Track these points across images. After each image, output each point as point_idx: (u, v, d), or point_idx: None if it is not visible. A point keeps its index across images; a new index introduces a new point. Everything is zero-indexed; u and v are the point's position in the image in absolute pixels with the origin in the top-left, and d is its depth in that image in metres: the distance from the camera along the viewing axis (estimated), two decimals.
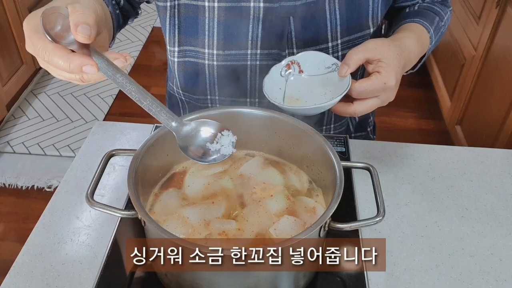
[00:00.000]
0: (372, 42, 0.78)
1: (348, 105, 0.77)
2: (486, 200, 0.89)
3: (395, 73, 0.76)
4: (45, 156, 2.32)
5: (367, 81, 0.75)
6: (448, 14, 0.96)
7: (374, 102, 0.77)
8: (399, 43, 0.81)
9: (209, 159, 0.67)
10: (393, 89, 0.76)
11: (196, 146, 0.68)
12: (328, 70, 0.83)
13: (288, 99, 0.83)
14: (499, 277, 0.76)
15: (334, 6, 0.87)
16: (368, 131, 1.16)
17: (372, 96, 0.76)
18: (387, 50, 0.77)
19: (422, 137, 2.48)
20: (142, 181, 0.70)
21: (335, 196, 0.64)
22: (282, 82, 0.84)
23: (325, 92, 0.83)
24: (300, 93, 0.84)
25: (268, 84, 0.82)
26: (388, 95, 0.77)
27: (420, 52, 0.88)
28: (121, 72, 0.61)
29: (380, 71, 0.75)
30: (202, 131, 0.68)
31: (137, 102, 0.62)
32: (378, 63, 0.76)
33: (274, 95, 0.81)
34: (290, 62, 0.85)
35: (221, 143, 0.68)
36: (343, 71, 0.76)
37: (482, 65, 2.01)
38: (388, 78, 0.75)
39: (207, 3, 0.87)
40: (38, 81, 2.77)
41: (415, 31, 0.88)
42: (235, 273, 0.62)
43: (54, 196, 0.88)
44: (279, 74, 0.84)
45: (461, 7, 2.24)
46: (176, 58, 0.96)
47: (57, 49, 0.58)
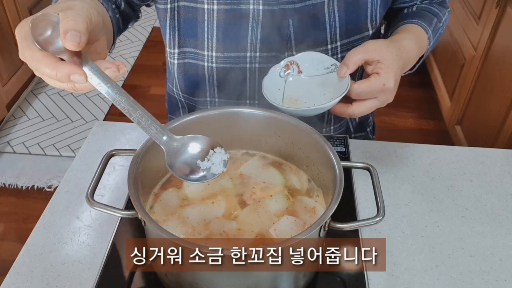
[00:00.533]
0: (371, 43, 0.78)
1: (347, 106, 0.77)
2: (486, 200, 0.89)
3: (394, 74, 0.76)
4: (45, 156, 2.32)
5: (366, 82, 0.75)
6: (446, 15, 0.97)
7: (373, 103, 0.77)
8: (398, 44, 0.81)
9: (197, 176, 0.65)
10: (392, 90, 0.77)
11: (185, 163, 0.65)
12: (327, 70, 0.83)
13: (287, 100, 0.83)
14: (499, 277, 0.76)
15: (333, 9, 0.87)
16: (367, 131, 1.16)
17: (371, 97, 0.77)
18: (386, 51, 0.77)
19: (422, 137, 2.48)
20: (142, 181, 0.70)
21: (335, 196, 0.64)
22: (281, 82, 0.84)
23: (324, 93, 0.83)
24: (299, 93, 0.84)
25: (267, 85, 0.82)
26: (387, 96, 0.77)
27: (418, 53, 0.88)
28: (111, 83, 0.58)
29: (379, 73, 0.75)
30: (193, 147, 0.65)
31: (126, 114, 0.60)
32: (377, 64, 0.76)
33: (273, 95, 0.81)
34: (289, 62, 0.85)
35: (212, 161, 0.65)
36: (342, 72, 0.76)
37: (482, 65, 2.01)
38: (387, 79, 0.75)
39: (206, 6, 0.87)
40: (38, 81, 2.77)
41: (414, 32, 0.88)
42: (235, 273, 0.62)
43: (54, 196, 0.88)
44: (278, 75, 0.84)
45: (461, 7, 2.24)
46: (175, 60, 0.96)
47: (45, 57, 0.56)
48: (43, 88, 2.74)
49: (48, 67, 0.56)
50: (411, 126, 2.56)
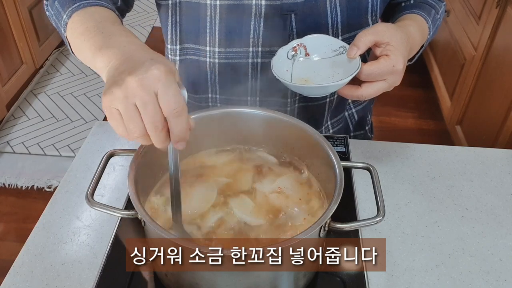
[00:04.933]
0: (381, 26, 0.78)
1: (356, 88, 0.77)
2: (486, 200, 0.89)
3: (402, 57, 0.76)
4: (45, 156, 2.32)
5: (376, 63, 0.75)
6: (442, 8, 0.98)
7: (382, 85, 0.77)
8: (404, 29, 0.82)
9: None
10: (401, 73, 0.77)
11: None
12: (335, 53, 0.83)
13: (295, 81, 0.83)
14: (499, 277, 0.76)
15: (334, 3, 0.88)
16: (366, 130, 1.16)
17: (380, 79, 0.77)
18: (395, 34, 0.77)
19: (422, 137, 2.48)
20: (142, 181, 0.70)
21: (335, 196, 0.64)
22: (289, 64, 0.84)
23: (333, 75, 0.82)
24: (308, 75, 0.83)
25: (275, 65, 0.81)
26: (396, 78, 0.77)
27: (421, 41, 0.89)
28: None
29: (388, 54, 0.75)
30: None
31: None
32: (387, 46, 0.76)
33: (281, 76, 0.80)
34: (297, 44, 0.84)
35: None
36: (353, 52, 0.76)
37: (482, 65, 2.01)
38: (397, 61, 0.75)
39: (209, 1, 0.87)
40: (38, 81, 2.77)
41: (416, 21, 0.89)
42: (235, 273, 0.62)
43: (54, 196, 0.88)
44: (286, 57, 0.84)
45: (461, 7, 2.24)
46: (177, 57, 0.96)
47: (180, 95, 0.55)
48: (43, 88, 2.74)
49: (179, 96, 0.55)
50: (411, 126, 2.56)
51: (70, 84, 2.78)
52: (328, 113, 1.03)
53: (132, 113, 0.54)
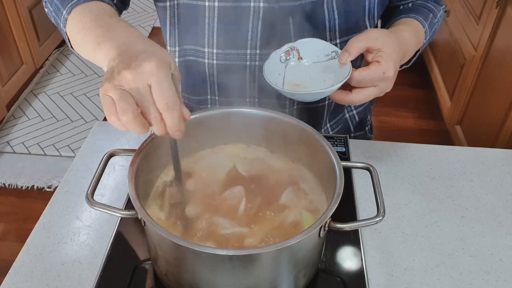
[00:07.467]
0: (373, 32, 0.78)
1: (347, 93, 0.78)
2: (486, 200, 0.89)
3: (394, 63, 0.77)
4: (45, 156, 2.32)
5: (366, 70, 0.76)
6: (441, 12, 0.98)
7: (372, 91, 0.77)
8: (397, 35, 0.82)
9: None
10: (391, 79, 0.77)
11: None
12: (327, 57, 0.83)
13: (287, 85, 0.83)
14: (499, 277, 0.76)
15: (332, 7, 0.88)
16: (366, 130, 1.16)
17: (371, 85, 0.77)
18: (387, 40, 0.77)
19: (422, 137, 2.48)
20: (142, 181, 0.70)
21: (335, 196, 0.64)
22: (282, 68, 0.84)
23: (324, 79, 0.83)
24: (300, 79, 0.84)
25: (268, 69, 0.81)
26: (386, 85, 0.78)
27: (416, 46, 0.89)
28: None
29: (379, 61, 0.76)
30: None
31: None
32: (378, 52, 0.76)
33: (274, 80, 0.80)
34: (289, 48, 0.85)
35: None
36: (344, 58, 0.77)
37: (482, 65, 2.01)
38: (387, 68, 0.75)
39: (207, 3, 0.87)
40: (38, 81, 2.77)
41: (411, 25, 0.89)
42: (235, 273, 0.62)
43: (54, 196, 0.88)
44: (279, 60, 0.84)
45: (461, 7, 2.24)
46: (176, 58, 0.96)
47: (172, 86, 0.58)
48: (43, 88, 2.74)
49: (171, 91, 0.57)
50: (411, 126, 2.56)
51: (70, 84, 2.78)
52: (327, 115, 1.03)
53: (124, 95, 0.56)
